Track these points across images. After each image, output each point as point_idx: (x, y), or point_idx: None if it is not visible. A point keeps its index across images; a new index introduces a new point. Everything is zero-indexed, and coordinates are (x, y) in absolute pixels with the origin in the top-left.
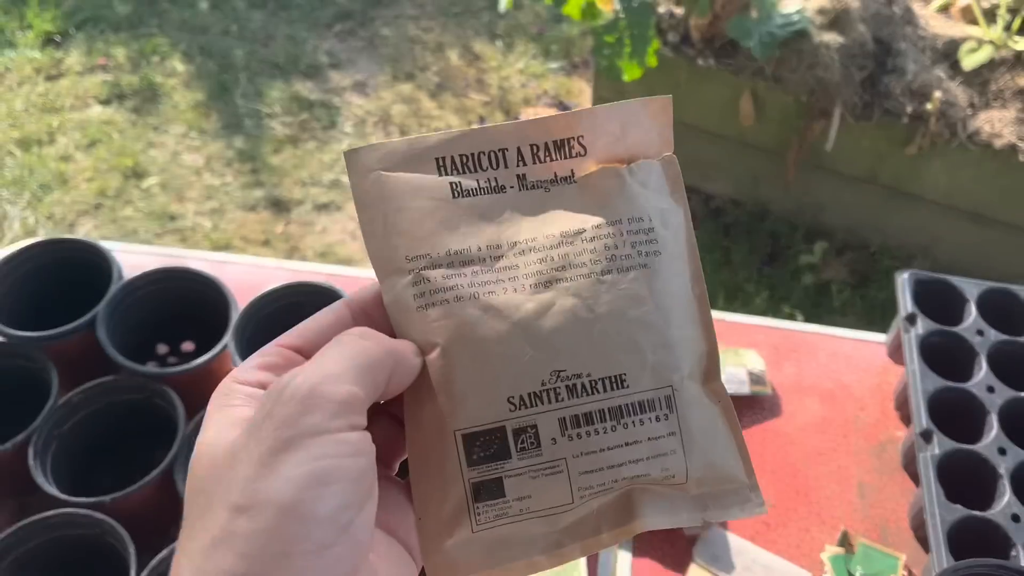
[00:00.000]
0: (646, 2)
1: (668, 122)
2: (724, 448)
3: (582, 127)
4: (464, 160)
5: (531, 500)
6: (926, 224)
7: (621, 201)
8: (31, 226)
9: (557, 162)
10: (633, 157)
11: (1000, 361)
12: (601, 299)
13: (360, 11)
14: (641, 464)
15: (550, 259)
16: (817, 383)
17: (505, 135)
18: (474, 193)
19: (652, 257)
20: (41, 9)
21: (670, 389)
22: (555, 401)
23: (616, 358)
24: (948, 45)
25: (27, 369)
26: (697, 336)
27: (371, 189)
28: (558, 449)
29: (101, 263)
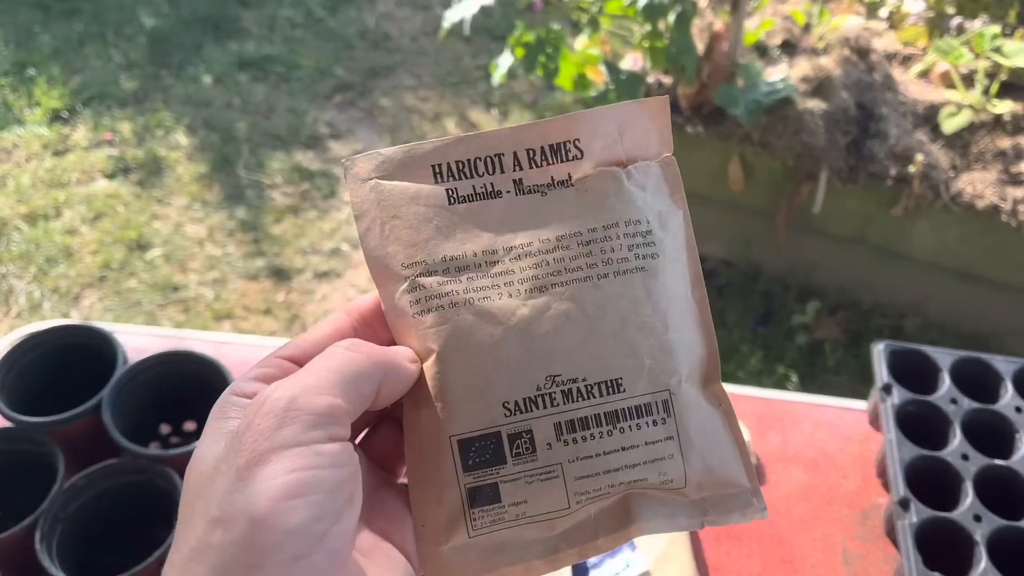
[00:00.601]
0: (634, 73)
1: (666, 123)
2: (724, 452)
3: (578, 130)
4: (460, 166)
5: (527, 505)
6: (916, 283)
7: (618, 204)
8: (36, 300)
9: (554, 166)
10: (631, 159)
11: (974, 429)
12: (597, 303)
13: (359, 82)
14: (638, 469)
15: (546, 263)
16: (801, 452)
17: (501, 140)
18: (470, 199)
19: (650, 260)
20: (49, 87)
21: (667, 393)
22: (550, 406)
23: (612, 362)
24: (928, 110)
25: (33, 453)
26: (696, 339)
27: (368, 196)
28: (553, 454)
29: (106, 348)
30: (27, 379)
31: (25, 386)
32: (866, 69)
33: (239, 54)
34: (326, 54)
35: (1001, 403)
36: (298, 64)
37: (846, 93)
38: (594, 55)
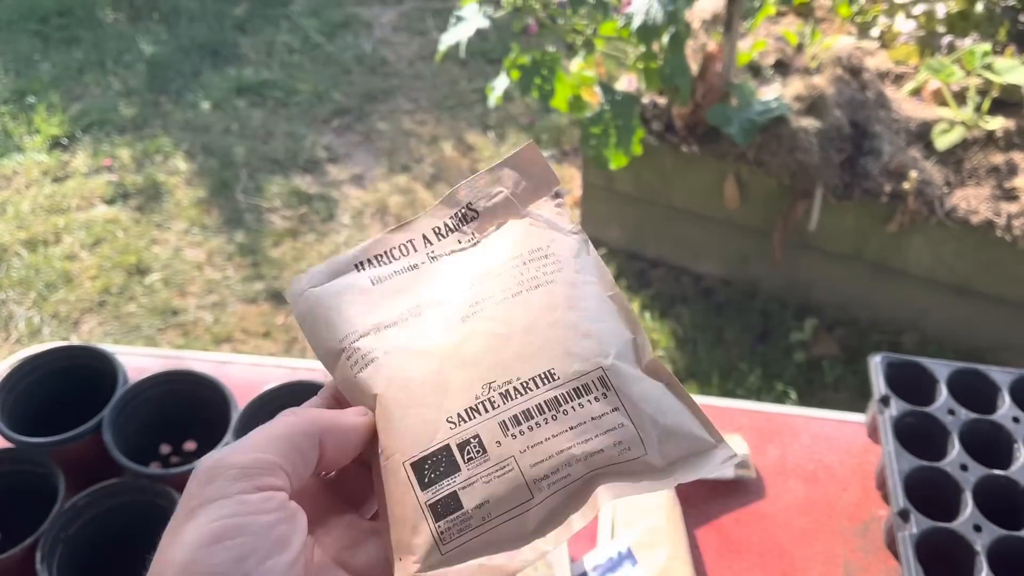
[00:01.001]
0: (629, 94)
1: (542, 162)
2: (676, 414)
3: (468, 196)
4: (379, 258)
5: (490, 505)
6: (912, 298)
7: (521, 240)
8: (36, 325)
9: (458, 232)
10: (525, 202)
11: (972, 439)
12: (516, 315)
13: (357, 107)
14: (591, 442)
15: (465, 302)
16: (800, 464)
17: (410, 230)
18: (391, 277)
19: (556, 273)
20: (48, 114)
21: (601, 371)
22: (492, 409)
23: (541, 358)
24: (921, 127)
25: (34, 474)
26: (619, 327)
27: (303, 306)
28: (504, 450)
29: (107, 368)
30: (28, 400)
31: (26, 407)
32: (859, 87)
33: (237, 80)
34: (324, 79)
35: (999, 413)
36: (296, 89)
37: (839, 111)
38: (589, 77)
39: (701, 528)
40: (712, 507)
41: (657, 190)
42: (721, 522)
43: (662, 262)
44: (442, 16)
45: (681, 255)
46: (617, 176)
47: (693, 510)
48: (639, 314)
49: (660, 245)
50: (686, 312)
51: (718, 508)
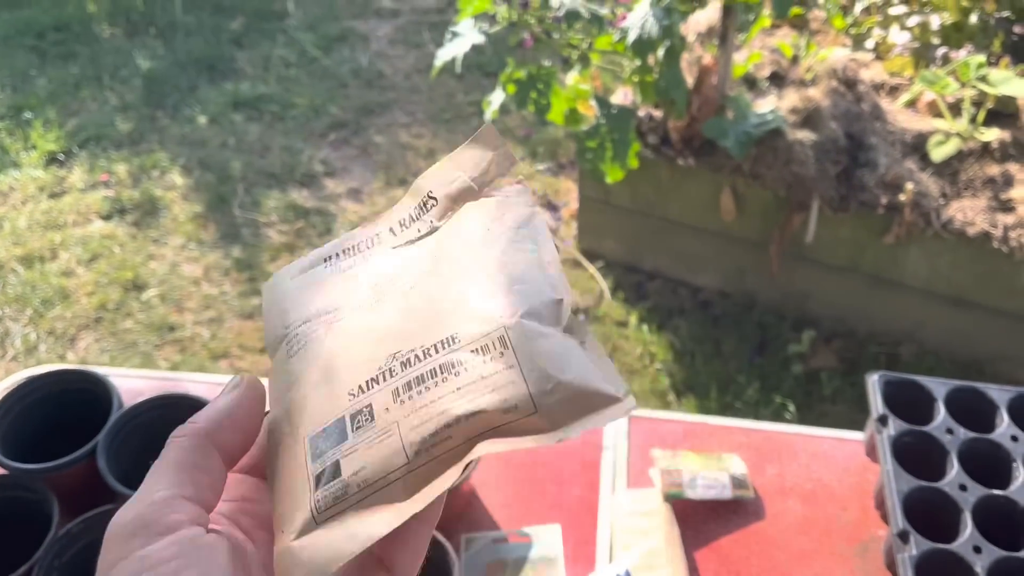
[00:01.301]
0: (625, 107)
1: (500, 144)
2: (580, 369)
3: (429, 184)
4: (346, 251)
5: (366, 471)
6: (910, 310)
7: (472, 221)
8: (32, 342)
9: (419, 221)
10: (483, 184)
11: (971, 459)
12: (427, 289)
13: (353, 120)
14: (475, 401)
15: (402, 284)
16: (798, 484)
17: (378, 223)
18: (350, 268)
19: (488, 244)
20: (45, 130)
21: (503, 330)
22: (390, 378)
23: (444, 323)
24: (917, 138)
25: (28, 500)
26: (543, 289)
27: (267, 297)
28: (390, 416)
29: (101, 392)
30: (22, 425)
31: (20, 432)
32: (854, 99)
33: (234, 94)
34: (320, 93)
35: (997, 432)
36: (292, 103)
37: (835, 123)
38: (585, 90)
39: (700, 550)
40: (710, 528)
41: (653, 203)
42: (720, 543)
43: (659, 275)
44: (438, 29)
45: (678, 268)
46: (613, 189)
47: (691, 531)
48: (636, 327)
49: (657, 258)
50: (683, 324)
51: (716, 529)
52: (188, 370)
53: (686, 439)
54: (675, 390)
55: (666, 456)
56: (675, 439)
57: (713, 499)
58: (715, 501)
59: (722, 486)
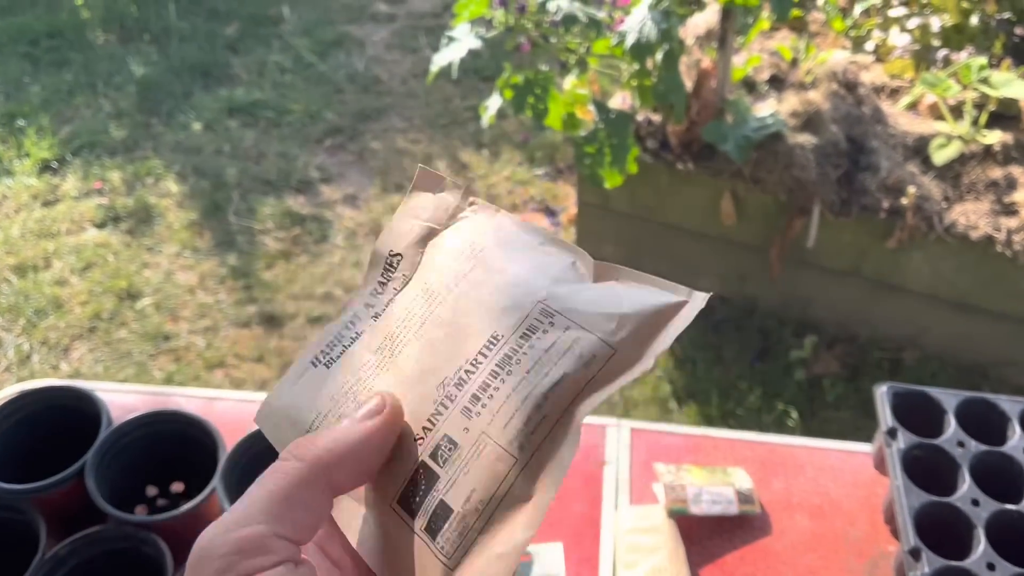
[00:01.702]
0: (624, 112)
1: (438, 179)
2: (634, 295)
3: (388, 244)
4: (330, 346)
5: (476, 493)
6: (913, 315)
7: (444, 253)
8: (25, 353)
9: (392, 281)
10: (439, 220)
11: (983, 472)
12: (438, 317)
13: (349, 126)
14: (552, 372)
15: (405, 332)
16: (806, 499)
17: (350, 306)
18: (342, 355)
19: (478, 255)
20: (38, 137)
21: (540, 304)
22: (451, 404)
23: (481, 330)
24: (918, 141)
25: (15, 522)
26: (554, 258)
27: (266, 423)
28: (473, 432)
29: (89, 409)
30: (9, 444)
31: (7, 451)
32: (854, 102)
33: (229, 100)
34: (316, 98)
35: (1009, 445)
36: (288, 109)
37: (836, 126)
38: (583, 95)
39: (705, 567)
40: (716, 545)
41: (653, 208)
42: (725, 560)
43: None
44: (435, 33)
45: (678, 273)
46: (612, 194)
47: (697, 548)
48: None
49: (657, 263)
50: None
51: (722, 546)
52: (183, 380)
53: (690, 452)
54: (676, 397)
55: (670, 471)
56: (679, 453)
57: (719, 515)
58: (721, 517)
59: (727, 501)
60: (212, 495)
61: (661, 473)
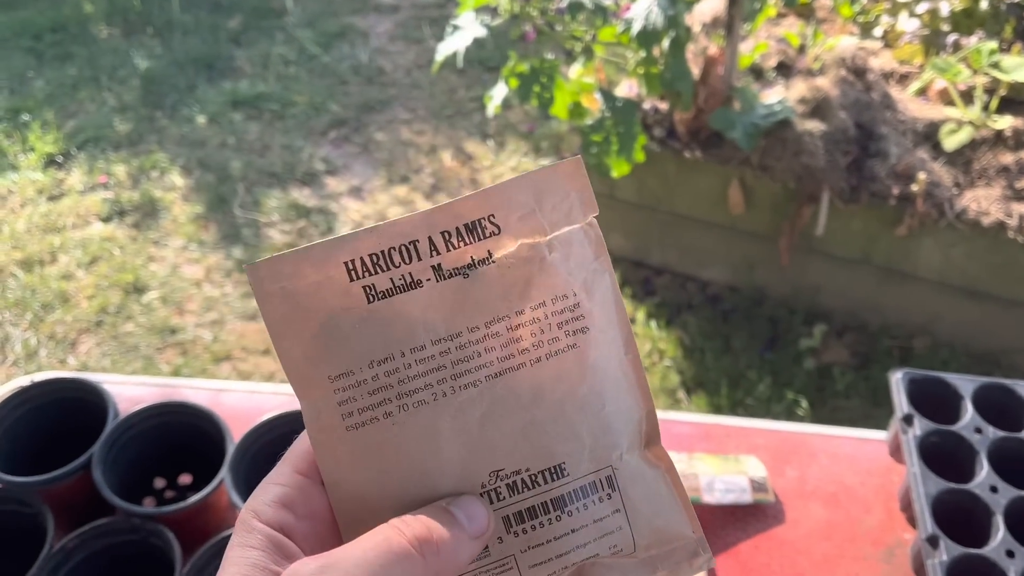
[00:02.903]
0: (630, 100)
1: (585, 184)
2: (669, 510)
3: (492, 205)
4: (375, 259)
5: None
6: (923, 302)
7: (543, 279)
8: (33, 347)
9: (471, 246)
10: (554, 226)
11: (1002, 459)
12: (532, 390)
13: (354, 118)
14: (588, 547)
15: (477, 354)
16: (820, 486)
17: (415, 226)
18: (389, 293)
19: (580, 335)
20: (43, 132)
21: (610, 469)
22: (497, 501)
23: (554, 448)
24: (928, 127)
25: (22, 514)
26: (634, 404)
27: (280, 307)
28: (506, 547)
29: (96, 401)
30: (17, 436)
31: (15, 443)
32: (863, 88)
33: (233, 93)
34: (320, 90)
35: None
36: (292, 101)
37: (844, 113)
38: (589, 83)
39: (719, 556)
40: (730, 533)
41: (660, 197)
42: (739, 549)
43: (667, 269)
44: (439, 24)
45: (686, 262)
46: (619, 183)
47: (711, 536)
48: (644, 323)
49: (665, 252)
50: (692, 320)
51: (736, 534)
52: (190, 373)
53: (701, 441)
54: (685, 387)
55: (682, 459)
56: (690, 441)
57: (732, 504)
58: (735, 506)
59: (741, 490)
60: (220, 486)
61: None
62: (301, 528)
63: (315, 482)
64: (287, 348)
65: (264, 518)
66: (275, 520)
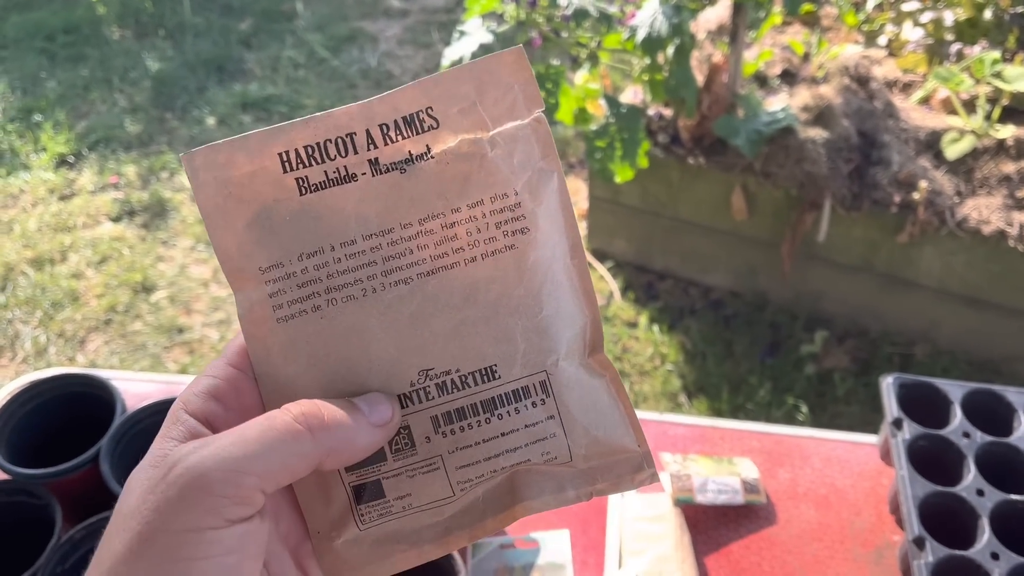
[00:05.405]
0: (635, 106)
1: (528, 76)
2: (611, 421)
3: (430, 97)
4: (310, 151)
5: (411, 497)
6: (924, 309)
7: (482, 176)
8: (42, 344)
9: (410, 139)
10: (496, 121)
11: (988, 463)
12: (466, 289)
13: None
14: (519, 451)
15: (409, 251)
16: (811, 489)
17: (352, 118)
18: (323, 186)
19: (520, 236)
20: (55, 132)
21: (544, 374)
22: (425, 400)
23: (485, 350)
24: (930, 136)
25: (31, 506)
26: (576, 310)
27: (213, 195)
28: (432, 447)
29: (104, 396)
30: (25, 430)
31: (23, 437)
32: (866, 97)
33: (242, 95)
34: (329, 93)
35: (1016, 436)
36: (301, 104)
37: (847, 121)
38: (594, 89)
39: (711, 555)
40: (721, 533)
41: (664, 202)
42: (731, 549)
43: (670, 274)
44: (447, 29)
45: (689, 267)
46: (623, 189)
47: (702, 536)
48: (646, 328)
49: (667, 257)
50: (694, 325)
51: (728, 534)
52: (197, 372)
53: (696, 442)
54: (686, 391)
55: (676, 460)
56: (685, 443)
57: (724, 504)
58: (727, 506)
59: (733, 491)
60: None
61: (667, 462)
62: (230, 420)
63: (247, 375)
64: (221, 239)
65: (191, 408)
66: (202, 411)
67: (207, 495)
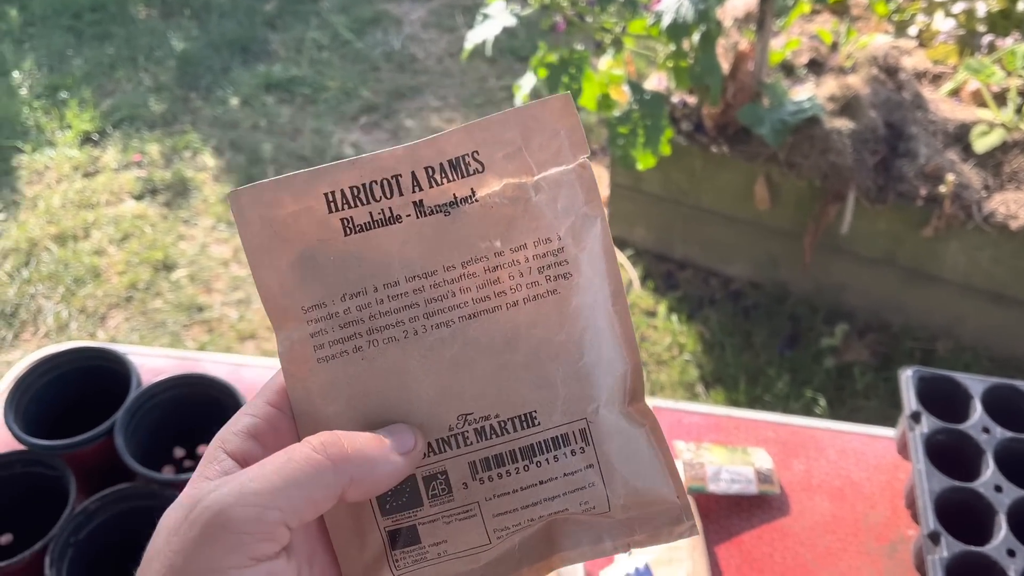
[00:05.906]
0: (658, 93)
1: (575, 123)
2: (650, 471)
3: (475, 141)
4: (355, 192)
5: (447, 544)
6: (947, 305)
7: (526, 221)
8: (64, 320)
9: (455, 183)
10: (542, 166)
11: (1008, 459)
12: (507, 334)
13: (384, 104)
14: (557, 500)
15: (452, 294)
16: (826, 480)
17: (398, 160)
18: (367, 227)
19: (562, 281)
20: (80, 110)
21: (584, 422)
22: (464, 445)
23: (526, 396)
24: (959, 128)
25: (46, 477)
26: (617, 357)
27: (258, 233)
28: (470, 493)
29: (120, 370)
30: (42, 402)
31: (39, 409)
32: (895, 88)
33: (266, 76)
34: (352, 76)
35: None
36: (324, 86)
37: (874, 112)
38: (618, 75)
39: (722, 545)
40: (734, 523)
41: (686, 191)
42: (743, 539)
43: (690, 263)
44: (471, 12)
45: (709, 257)
46: (645, 176)
47: (714, 526)
48: (665, 317)
49: (688, 246)
50: (714, 315)
51: (740, 524)
52: (215, 350)
53: (711, 431)
54: (704, 382)
55: (690, 448)
56: (699, 431)
57: (737, 494)
58: (740, 496)
59: (747, 481)
60: None
61: (681, 451)
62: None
63: (286, 415)
64: (264, 277)
65: (229, 448)
66: (240, 450)
67: (229, 532)
